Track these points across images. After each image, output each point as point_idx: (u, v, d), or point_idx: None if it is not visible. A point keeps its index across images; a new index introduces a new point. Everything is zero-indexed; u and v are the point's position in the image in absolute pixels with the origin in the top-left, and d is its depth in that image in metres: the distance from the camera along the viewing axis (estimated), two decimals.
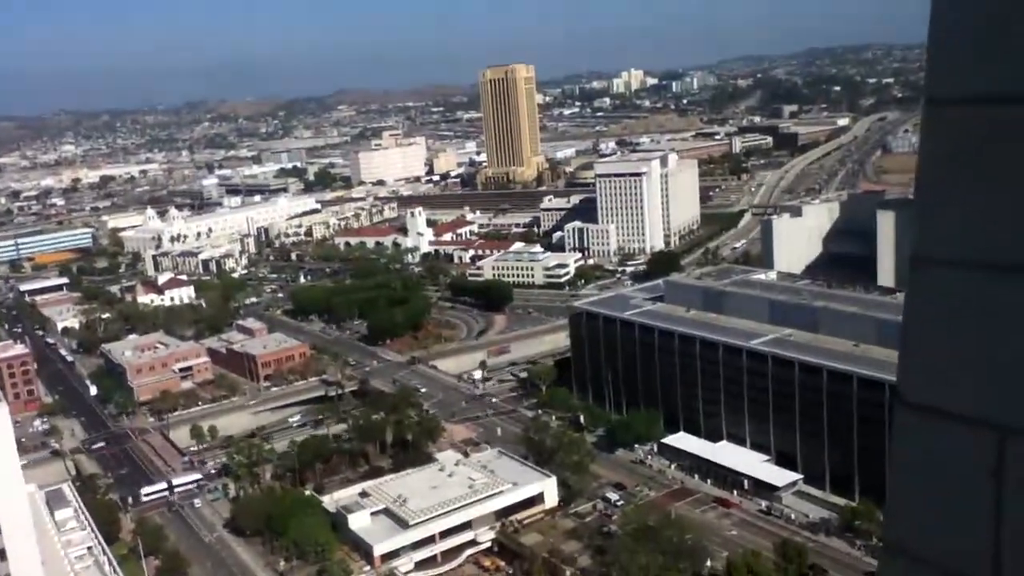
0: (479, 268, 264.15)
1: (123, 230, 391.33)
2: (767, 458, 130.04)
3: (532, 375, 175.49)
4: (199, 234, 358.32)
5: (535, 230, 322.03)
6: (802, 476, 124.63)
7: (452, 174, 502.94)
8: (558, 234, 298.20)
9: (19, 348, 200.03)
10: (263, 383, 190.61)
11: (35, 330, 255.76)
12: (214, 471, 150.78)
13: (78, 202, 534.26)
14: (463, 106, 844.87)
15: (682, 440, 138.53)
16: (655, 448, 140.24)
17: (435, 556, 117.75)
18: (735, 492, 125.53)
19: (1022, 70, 2.78)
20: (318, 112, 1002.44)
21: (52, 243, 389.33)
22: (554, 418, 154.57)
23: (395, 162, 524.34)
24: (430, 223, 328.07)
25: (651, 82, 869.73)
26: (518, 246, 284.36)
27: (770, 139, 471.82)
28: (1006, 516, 2.86)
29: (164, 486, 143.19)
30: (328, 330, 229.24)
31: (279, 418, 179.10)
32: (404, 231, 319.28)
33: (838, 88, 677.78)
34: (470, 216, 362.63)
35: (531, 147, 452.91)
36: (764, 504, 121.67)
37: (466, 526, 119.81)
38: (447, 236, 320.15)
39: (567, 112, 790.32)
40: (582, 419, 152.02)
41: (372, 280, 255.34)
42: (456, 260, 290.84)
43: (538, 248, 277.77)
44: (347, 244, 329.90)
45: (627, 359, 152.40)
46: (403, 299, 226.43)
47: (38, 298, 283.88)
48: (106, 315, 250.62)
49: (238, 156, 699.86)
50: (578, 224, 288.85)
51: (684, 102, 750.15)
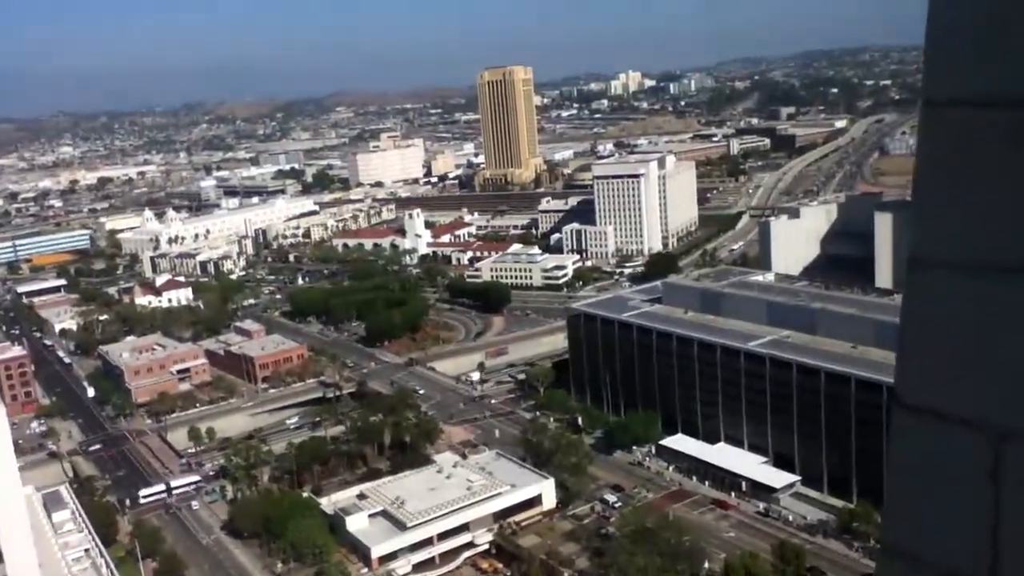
0: (477, 270, 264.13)
1: (121, 232, 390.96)
2: (765, 460, 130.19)
3: (530, 377, 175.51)
4: (197, 236, 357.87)
5: (533, 232, 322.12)
6: (800, 478, 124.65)
7: (450, 176, 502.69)
8: (556, 236, 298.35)
9: (16, 350, 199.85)
10: (261, 385, 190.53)
11: (33, 332, 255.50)
12: (212, 473, 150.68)
13: (76, 204, 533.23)
14: (461, 108, 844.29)
15: (680, 442, 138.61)
16: (653, 450, 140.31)
17: (433, 558, 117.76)
18: (733, 494, 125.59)
19: (1019, 72, 2.80)
20: (316, 114, 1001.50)
21: (50, 245, 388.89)
22: (552, 420, 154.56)
23: (393, 164, 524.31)
24: (428, 225, 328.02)
25: (649, 84, 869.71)
26: (516, 248, 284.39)
27: (768, 141, 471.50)
28: (1004, 518, 2.88)
29: (162, 488, 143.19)
30: (326, 332, 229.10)
31: (277, 420, 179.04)
32: (402, 233, 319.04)
33: (835, 90, 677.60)
34: (468, 218, 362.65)
35: (529, 149, 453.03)
36: (762, 506, 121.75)
37: (464, 528, 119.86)
38: (445, 238, 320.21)
39: (565, 114, 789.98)
40: (580, 421, 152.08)
41: (370, 282, 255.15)
42: (454, 262, 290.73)
43: (536, 250, 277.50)
44: (345, 246, 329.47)
45: (625, 361, 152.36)
46: (401, 301, 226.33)
47: (36, 300, 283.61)
48: (104, 317, 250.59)
49: (236, 158, 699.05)
50: (576, 226, 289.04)
51: (682, 104, 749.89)
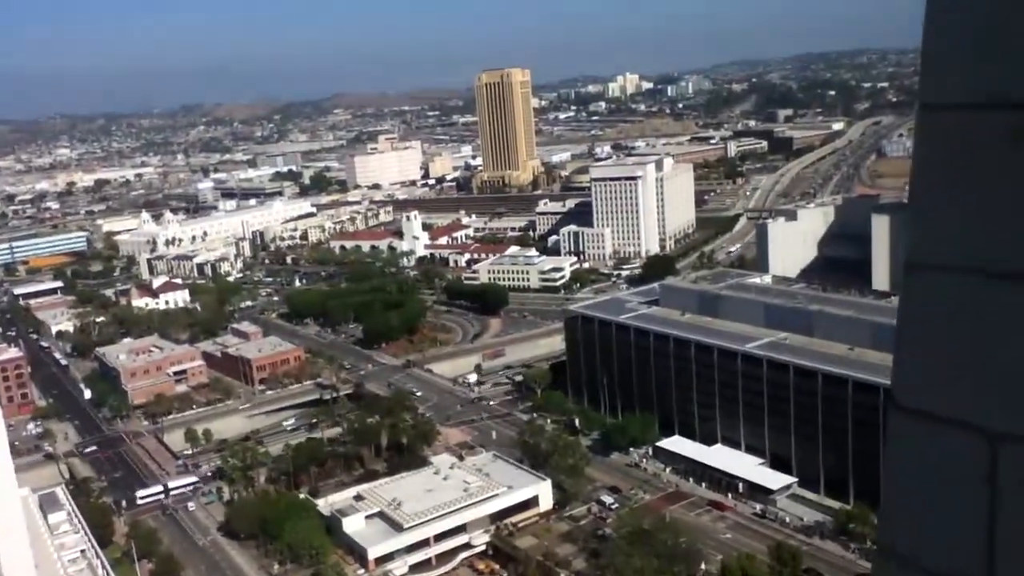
0: (474, 272, 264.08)
1: (118, 234, 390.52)
2: (762, 461, 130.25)
3: (527, 378, 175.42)
4: (194, 238, 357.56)
5: (531, 234, 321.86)
6: (797, 479, 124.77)
7: (448, 178, 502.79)
8: (553, 238, 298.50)
9: (13, 351, 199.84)
10: (258, 387, 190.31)
11: (29, 333, 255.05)
12: (209, 474, 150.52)
13: (73, 206, 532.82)
14: (459, 110, 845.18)
15: (677, 443, 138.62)
16: (650, 451, 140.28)
17: (430, 559, 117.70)
18: (730, 495, 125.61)
19: (1016, 75, 2.80)
20: (314, 116, 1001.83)
21: (46, 247, 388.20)
22: (549, 421, 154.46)
23: (391, 166, 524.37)
24: (426, 227, 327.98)
25: (646, 86, 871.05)
26: (513, 250, 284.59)
27: (765, 143, 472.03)
28: (1000, 521, 2.88)
29: (160, 489, 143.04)
30: (323, 334, 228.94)
31: (274, 421, 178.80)
32: (400, 235, 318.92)
33: (833, 92, 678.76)
34: (466, 220, 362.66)
35: (527, 151, 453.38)
36: (759, 507, 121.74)
37: (461, 529, 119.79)
38: (443, 240, 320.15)
39: (563, 116, 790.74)
40: (577, 422, 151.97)
41: (367, 284, 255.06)
42: (451, 264, 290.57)
43: (533, 252, 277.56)
44: (342, 248, 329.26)
45: (622, 362, 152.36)
46: (398, 303, 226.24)
47: (32, 301, 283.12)
48: (100, 318, 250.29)
49: (233, 160, 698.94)
50: (573, 228, 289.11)
51: (679, 106, 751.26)
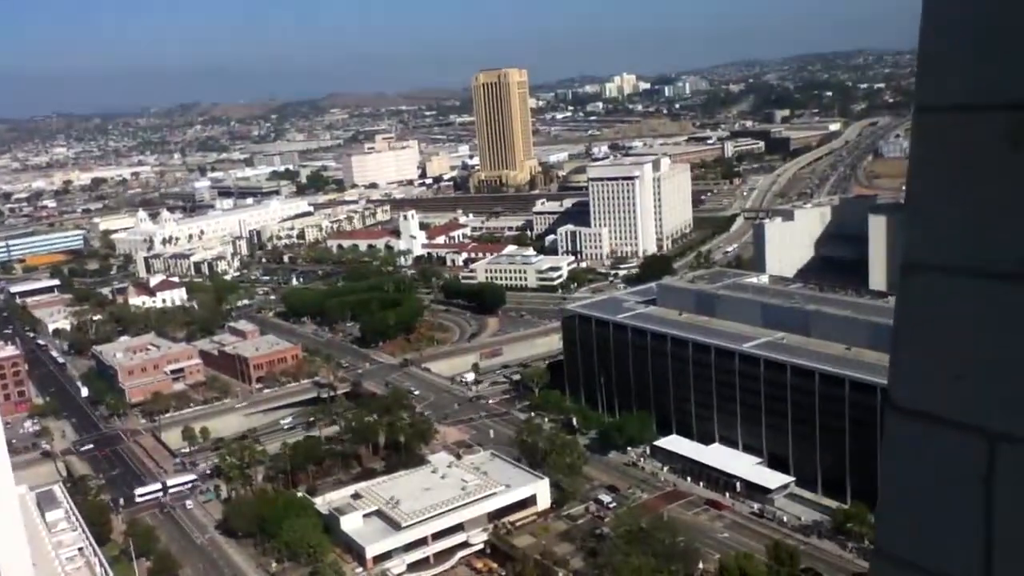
0: (472, 271, 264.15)
1: (115, 232, 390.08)
2: (759, 461, 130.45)
3: (525, 377, 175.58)
4: (191, 236, 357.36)
5: (528, 233, 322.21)
6: (794, 479, 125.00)
7: (445, 177, 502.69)
8: (551, 237, 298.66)
9: (10, 349, 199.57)
10: (255, 385, 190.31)
11: (26, 332, 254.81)
12: (207, 472, 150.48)
13: (69, 204, 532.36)
14: (456, 110, 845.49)
15: (674, 443, 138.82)
16: (647, 450, 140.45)
17: (427, 558, 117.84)
18: (727, 494, 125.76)
19: (1012, 77, 2.81)
20: (311, 115, 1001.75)
21: (43, 245, 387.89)
22: (547, 420, 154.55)
23: (388, 165, 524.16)
24: (423, 226, 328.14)
25: (644, 87, 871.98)
26: (511, 249, 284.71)
27: (762, 144, 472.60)
28: (997, 521, 2.88)
29: (158, 487, 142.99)
30: (320, 332, 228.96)
31: (271, 420, 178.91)
32: (397, 234, 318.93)
33: (830, 93, 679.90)
34: (463, 219, 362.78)
35: (524, 151, 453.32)
36: (756, 506, 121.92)
37: (458, 528, 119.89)
38: (440, 239, 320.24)
39: (560, 116, 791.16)
40: (575, 421, 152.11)
41: (365, 283, 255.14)
42: (449, 263, 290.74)
43: (531, 251, 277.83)
44: (340, 247, 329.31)
45: (620, 362, 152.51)
46: (396, 302, 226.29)
47: (29, 300, 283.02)
48: (97, 317, 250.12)
49: (230, 159, 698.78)
50: (571, 227, 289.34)
51: (676, 106, 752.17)
